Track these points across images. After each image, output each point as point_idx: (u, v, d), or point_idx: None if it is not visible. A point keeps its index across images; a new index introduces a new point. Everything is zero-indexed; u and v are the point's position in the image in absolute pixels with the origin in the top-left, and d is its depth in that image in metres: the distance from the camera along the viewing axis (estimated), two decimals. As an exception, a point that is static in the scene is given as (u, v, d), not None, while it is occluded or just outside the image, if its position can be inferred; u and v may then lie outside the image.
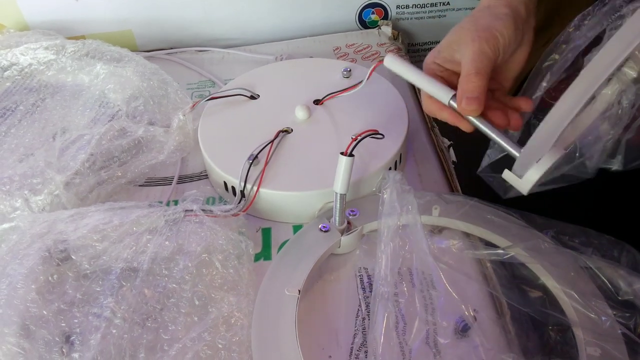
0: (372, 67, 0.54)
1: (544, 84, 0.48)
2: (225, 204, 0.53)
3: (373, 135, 0.54)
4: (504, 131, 0.44)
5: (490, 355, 0.42)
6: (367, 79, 0.56)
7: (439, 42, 0.48)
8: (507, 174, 0.42)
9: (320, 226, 0.51)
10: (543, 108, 0.46)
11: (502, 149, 0.44)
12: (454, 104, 0.45)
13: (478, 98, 0.44)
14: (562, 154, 0.40)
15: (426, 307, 0.45)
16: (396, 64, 0.49)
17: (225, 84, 0.73)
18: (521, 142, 0.42)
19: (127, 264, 0.45)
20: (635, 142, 0.44)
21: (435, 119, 0.65)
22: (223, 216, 0.50)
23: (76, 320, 0.43)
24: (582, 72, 0.37)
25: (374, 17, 0.85)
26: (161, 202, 0.58)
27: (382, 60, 0.51)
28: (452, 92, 0.45)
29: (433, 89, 0.46)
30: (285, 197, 0.53)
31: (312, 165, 0.55)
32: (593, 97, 0.40)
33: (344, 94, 0.60)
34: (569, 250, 0.46)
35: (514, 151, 0.42)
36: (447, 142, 0.62)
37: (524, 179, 0.41)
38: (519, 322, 0.44)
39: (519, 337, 0.43)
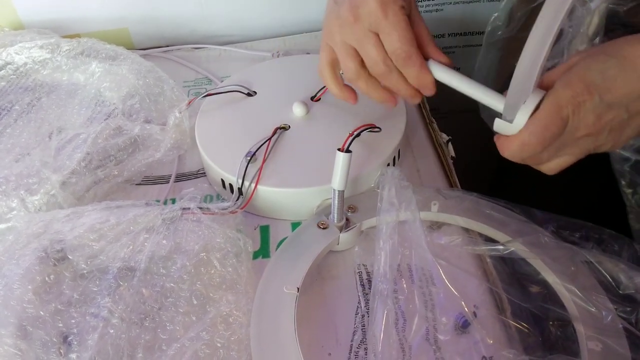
0: None
1: None
2: (223, 202, 0.53)
3: (370, 129, 0.54)
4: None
5: (491, 352, 0.42)
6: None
7: (436, 36, 0.47)
8: (497, 123, 0.42)
9: (318, 223, 0.50)
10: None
11: (489, 104, 0.43)
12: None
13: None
14: (544, 93, 0.40)
15: (426, 303, 0.45)
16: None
17: (222, 81, 0.73)
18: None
19: (124, 263, 0.45)
20: None
21: (434, 114, 0.65)
22: (221, 214, 0.50)
23: (73, 321, 0.43)
24: (545, 3, 0.36)
25: (371, 12, 0.84)
26: (158, 201, 0.58)
27: None
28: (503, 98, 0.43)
29: (486, 97, 0.43)
30: (283, 194, 0.53)
31: (310, 161, 0.55)
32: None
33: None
34: (570, 245, 0.46)
35: (498, 103, 0.42)
36: (445, 137, 0.62)
37: (515, 123, 0.40)
38: (519, 317, 0.43)
39: (520, 333, 0.43)
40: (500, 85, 0.61)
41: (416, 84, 0.46)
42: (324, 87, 0.60)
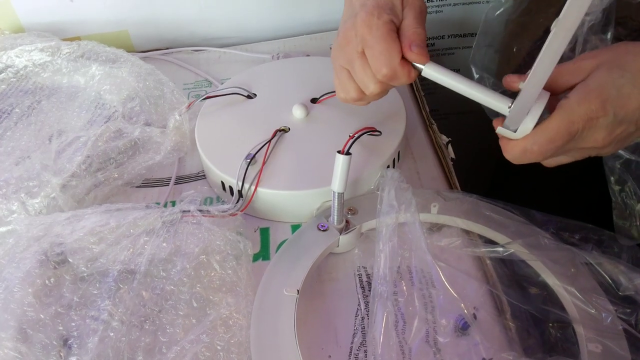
0: None
1: None
2: (223, 204, 0.53)
3: (371, 133, 0.54)
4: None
5: (491, 353, 0.42)
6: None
7: (436, 37, 0.47)
8: (500, 130, 0.42)
9: (318, 225, 0.50)
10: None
11: (490, 106, 0.43)
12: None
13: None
14: (548, 96, 0.40)
15: (426, 305, 0.45)
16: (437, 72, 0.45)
17: (222, 83, 0.73)
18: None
19: (124, 266, 0.45)
20: None
21: (434, 116, 0.65)
22: (221, 216, 0.50)
23: (74, 324, 0.43)
24: (557, 22, 0.35)
25: (370, 14, 0.84)
26: (159, 203, 0.58)
27: None
28: (510, 101, 0.42)
29: (487, 98, 0.43)
30: (283, 196, 0.53)
31: (310, 164, 0.55)
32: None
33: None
34: (569, 246, 0.46)
35: (503, 105, 0.42)
36: (445, 138, 0.62)
37: (519, 132, 0.40)
38: (519, 319, 0.44)
39: (520, 335, 0.43)
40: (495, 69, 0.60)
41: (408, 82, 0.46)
42: (328, 92, 0.60)
